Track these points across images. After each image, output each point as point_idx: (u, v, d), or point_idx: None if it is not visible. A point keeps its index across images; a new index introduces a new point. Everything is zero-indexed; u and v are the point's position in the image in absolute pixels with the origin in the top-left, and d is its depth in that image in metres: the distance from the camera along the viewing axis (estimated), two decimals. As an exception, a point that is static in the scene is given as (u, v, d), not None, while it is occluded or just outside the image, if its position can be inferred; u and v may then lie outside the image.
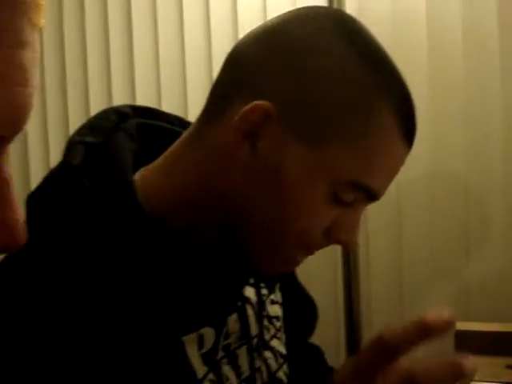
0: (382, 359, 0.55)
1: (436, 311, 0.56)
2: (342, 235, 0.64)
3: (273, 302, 0.83)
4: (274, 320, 0.82)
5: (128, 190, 0.62)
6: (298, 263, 0.68)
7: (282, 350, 0.82)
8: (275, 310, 0.83)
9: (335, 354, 1.71)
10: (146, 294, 0.60)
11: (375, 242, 1.73)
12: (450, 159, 1.66)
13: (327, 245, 0.66)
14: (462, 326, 1.31)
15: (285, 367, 0.82)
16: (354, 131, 0.60)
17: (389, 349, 0.54)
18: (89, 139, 0.64)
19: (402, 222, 1.71)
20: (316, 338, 1.03)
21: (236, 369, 0.70)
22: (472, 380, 0.55)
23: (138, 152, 0.68)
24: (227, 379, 0.68)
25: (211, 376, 0.66)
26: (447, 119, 1.65)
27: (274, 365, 0.79)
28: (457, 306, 1.64)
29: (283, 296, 0.87)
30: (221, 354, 0.68)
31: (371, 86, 0.61)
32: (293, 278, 0.94)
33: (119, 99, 1.93)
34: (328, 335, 1.67)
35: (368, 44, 0.63)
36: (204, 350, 0.65)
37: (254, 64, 0.62)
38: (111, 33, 1.94)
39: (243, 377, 0.71)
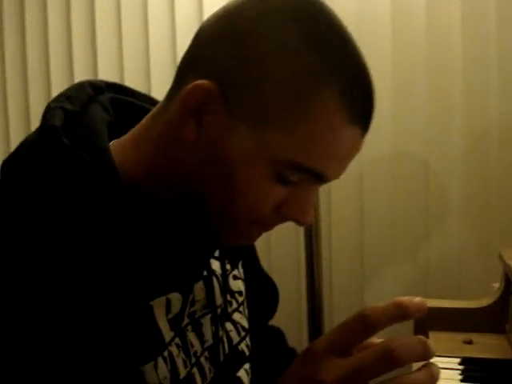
0: (360, 334, 0.56)
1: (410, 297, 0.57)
2: (292, 213, 0.66)
3: (235, 278, 0.85)
4: (237, 295, 0.84)
5: (105, 156, 0.64)
6: (255, 237, 0.70)
7: (245, 323, 0.84)
8: (238, 285, 0.85)
9: (298, 337, 1.74)
10: (117, 257, 0.62)
11: (337, 222, 1.76)
12: (411, 141, 1.69)
13: (281, 222, 0.68)
14: (421, 303, 1.34)
15: (247, 340, 0.84)
16: (291, 115, 0.61)
17: (368, 324, 0.56)
18: (67, 106, 0.66)
19: (364, 204, 1.74)
20: (279, 323, 1.05)
21: (200, 336, 0.72)
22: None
23: (111, 123, 0.70)
24: (192, 346, 0.70)
25: (177, 340, 0.68)
26: (409, 102, 1.67)
27: (236, 337, 0.81)
28: (417, 285, 1.69)
29: (245, 273, 0.89)
30: (186, 320, 0.70)
31: (313, 71, 0.61)
32: (254, 258, 0.97)
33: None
34: (291, 318, 1.70)
35: (321, 28, 0.62)
36: (171, 316, 0.67)
37: (208, 43, 0.64)
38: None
39: (206, 345, 0.73)
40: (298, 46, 0.61)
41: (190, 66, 0.65)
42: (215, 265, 0.78)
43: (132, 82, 1.86)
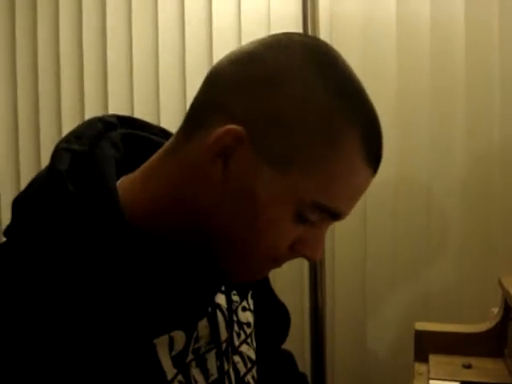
0: None
1: None
2: (307, 250, 0.68)
3: (244, 309, 0.86)
4: (245, 326, 0.85)
5: (110, 197, 0.64)
6: (266, 274, 0.72)
7: (252, 355, 0.85)
8: (246, 316, 0.86)
9: (300, 357, 1.75)
10: (121, 297, 0.63)
11: (340, 246, 1.78)
12: (414, 166, 1.71)
13: (293, 258, 0.70)
14: (421, 326, 1.37)
15: (253, 371, 0.85)
16: (316, 156, 0.63)
17: None
18: (74, 147, 0.67)
19: (367, 229, 1.76)
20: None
21: (204, 372, 0.73)
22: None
23: (121, 160, 0.71)
24: (195, 381, 0.71)
25: (180, 377, 0.69)
26: (412, 126, 1.70)
27: (242, 369, 0.82)
28: (418, 309, 1.71)
29: (255, 303, 0.90)
30: (190, 357, 0.71)
31: (337, 112, 0.63)
32: (266, 285, 0.97)
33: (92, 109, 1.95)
34: (293, 339, 1.72)
35: (340, 73, 0.66)
36: (174, 353, 0.68)
37: (229, 87, 0.66)
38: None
39: (211, 379, 0.74)
40: (322, 90, 0.63)
41: (210, 109, 0.66)
42: (220, 298, 0.79)
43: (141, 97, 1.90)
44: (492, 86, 1.64)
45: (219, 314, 0.77)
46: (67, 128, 1.91)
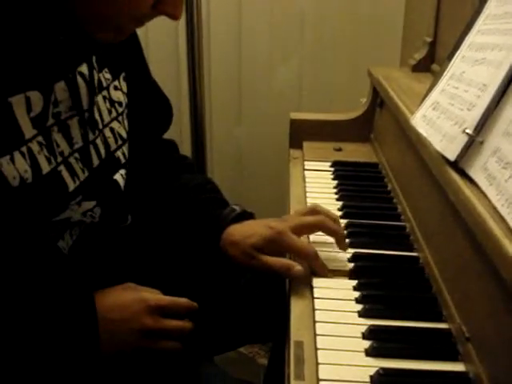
0: None
1: None
2: (167, 7, 0.71)
3: (116, 88, 0.89)
4: (117, 105, 0.88)
5: None
6: (127, 34, 0.75)
7: (123, 133, 0.89)
8: (118, 95, 0.89)
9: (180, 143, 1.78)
10: None
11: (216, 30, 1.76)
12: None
13: (155, 16, 0.73)
14: (295, 116, 1.43)
15: (123, 148, 0.89)
16: None
17: None
18: None
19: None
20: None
21: (68, 138, 0.77)
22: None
23: None
24: (58, 145, 0.75)
25: (40, 139, 0.72)
26: None
27: (113, 144, 0.86)
28: (291, 100, 1.77)
29: (129, 86, 0.93)
30: (51, 121, 0.74)
31: None
32: (145, 73, 1.01)
33: None
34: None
35: None
36: (33, 114, 0.71)
37: None
38: None
39: (76, 147, 0.78)
40: None
41: None
42: (83, 67, 0.81)
43: None
44: None
45: (80, 80, 0.80)
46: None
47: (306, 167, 1.26)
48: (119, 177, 0.87)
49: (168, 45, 1.78)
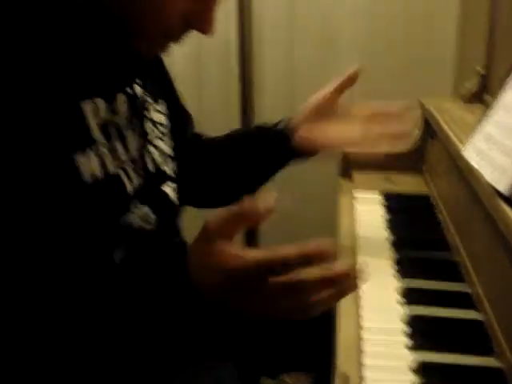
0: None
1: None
2: (198, 22, 0.75)
3: (157, 111, 0.94)
4: (158, 125, 0.93)
5: None
6: (161, 48, 0.79)
7: (167, 150, 0.94)
8: (159, 117, 0.94)
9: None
10: (51, 59, 0.70)
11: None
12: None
13: (187, 30, 0.77)
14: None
15: (170, 164, 0.93)
16: None
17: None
18: None
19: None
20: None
21: (125, 147, 0.81)
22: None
23: None
24: (117, 152, 0.79)
25: (104, 141, 0.77)
26: None
27: (159, 159, 0.90)
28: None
29: (170, 109, 0.99)
30: (112, 129, 0.79)
31: None
32: (174, 93, 1.07)
33: None
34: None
35: None
36: (98, 121, 0.76)
37: None
38: None
39: (131, 157, 0.82)
40: None
41: None
42: (138, 90, 0.87)
43: None
44: None
45: (137, 100, 0.86)
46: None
47: (355, 197, 1.26)
48: (168, 188, 0.90)
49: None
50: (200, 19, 0.75)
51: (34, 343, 0.67)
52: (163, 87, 1.00)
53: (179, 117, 1.06)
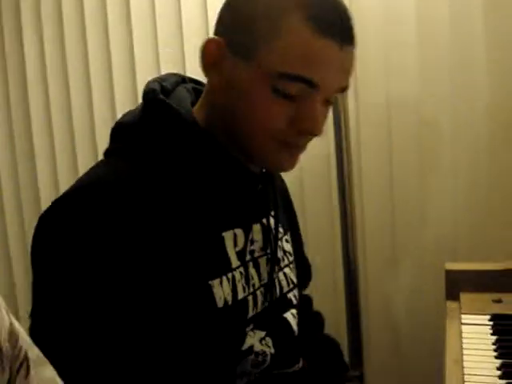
0: None
1: None
2: (305, 123, 0.80)
3: (286, 241, 1.01)
4: (288, 254, 0.99)
5: (190, 116, 0.85)
6: (286, 159, 0.85)
7: (293, 278, 0.99)
8: (288, 247, 1.01)
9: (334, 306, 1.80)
10: (198, 195, 0.81)
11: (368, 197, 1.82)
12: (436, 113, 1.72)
13: (298, 136, 0.82)
14: (451, 266, 1.40)
15: (294, 291, 0.98)
16: (269, 35, 0.77)
17: None
18: (163, 83, 0.86)
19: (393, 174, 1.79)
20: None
21: (258, 273, 0.88)
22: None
23: (192, 102, 0.90)
24: (252, 278, 0.86)
25: (242, 270, 0.84)
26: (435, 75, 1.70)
27: (286, 287, 0.95)
28: (446, 247, 1.73)
29: (293, 241, 1.04)
30: (248, 256, 0.86)
31: (282, 3, 0.78)
32: (299, 239, 1.12)
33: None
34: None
35: None
36: (237, 249, 0.84)
37: (220, 15, 0.85)
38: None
39: (262, 283, 0.88)
40: None
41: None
42: (271, 220, 0.94)
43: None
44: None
45: (269, 226, 0.93)
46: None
47: (462, 321, 1.23)
48: (290, 315, 0.94)
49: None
50: (306, 120, 0.80)
51: None
52: (289, 218, 1.07)
53: (302, 265, 1.10)
